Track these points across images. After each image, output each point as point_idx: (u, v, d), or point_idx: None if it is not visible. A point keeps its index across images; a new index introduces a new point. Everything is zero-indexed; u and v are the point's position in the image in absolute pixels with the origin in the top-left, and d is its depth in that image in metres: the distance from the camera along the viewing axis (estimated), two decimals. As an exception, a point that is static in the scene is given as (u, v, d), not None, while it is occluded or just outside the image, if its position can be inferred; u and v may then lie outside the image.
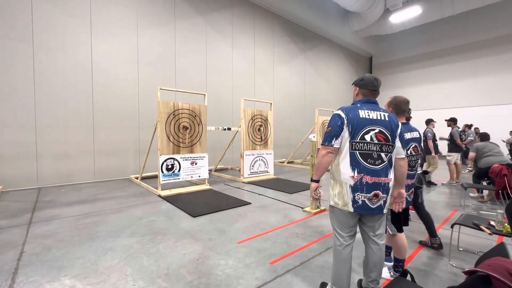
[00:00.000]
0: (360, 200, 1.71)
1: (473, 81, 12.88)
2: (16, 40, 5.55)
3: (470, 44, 12.87)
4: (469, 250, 2.86)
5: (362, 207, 1.72)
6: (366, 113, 1.76)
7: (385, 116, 1.79)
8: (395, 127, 1.79)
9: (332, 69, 14.26)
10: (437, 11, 11.57)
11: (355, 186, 1.71)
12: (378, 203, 1.73)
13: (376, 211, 1.74)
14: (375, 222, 1.83)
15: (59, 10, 6.02)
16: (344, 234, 1.83)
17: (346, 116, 1.75)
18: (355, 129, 1.72)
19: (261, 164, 7.18)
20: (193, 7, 8.29)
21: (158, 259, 2.58)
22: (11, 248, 2.80)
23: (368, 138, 1.72)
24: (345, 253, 1.83)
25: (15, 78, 5.57)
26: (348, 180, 1.72)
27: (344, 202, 1.75)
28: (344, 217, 1.81)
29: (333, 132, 1.75)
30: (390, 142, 1.75)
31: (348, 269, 1.85)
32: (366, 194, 1.70)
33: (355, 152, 1.72)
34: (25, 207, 4.35)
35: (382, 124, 1.75)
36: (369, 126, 1.73)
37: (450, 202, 4.95)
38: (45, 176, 5.95)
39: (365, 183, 1.70)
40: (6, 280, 2.20)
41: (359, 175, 1.70)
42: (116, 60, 6.89)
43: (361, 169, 1.70)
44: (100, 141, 6.70)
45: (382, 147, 1.73)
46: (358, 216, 1.81)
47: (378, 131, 1.73)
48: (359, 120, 1.73)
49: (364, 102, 1.86)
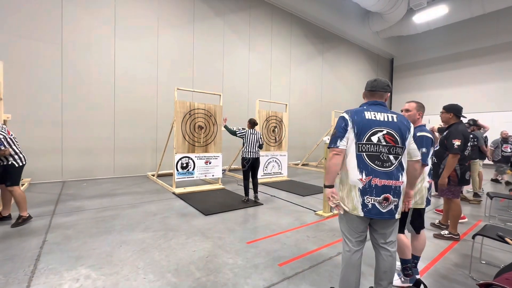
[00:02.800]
0: (370, 204, 1.66)
1: (503, 84, 12.08)
2: (47, 42, 5.93)
3: (501, 45, 12.09)
4: (492, 264, 2.68)
5: (372, 211, 1.66)
6: (372, 114, 1.72)
7: (393, 117, 1.74)
8: (405, 129, 1.73)
9: (351, 70, 13.94)
10: (465, 10, 10.98)
11: (364, 189, 1.66)
12: (389, 207, 1.67)
13: (387, 215, 1.67)
14: (387, 229, 1.77)
15: (86, 13, 6.36)
16: (353, 239, 1.78)
17: (351, 118, 1.72)
18: (361, 130, 1.69)
19: (275, 166, 7.16)
20: (212, 9, 8.45)
21: (169, 255, 2.65)
22: (35, 236, 2.99)
23: (375, 140, 1.67)
24: (354, 259, 1.77)
25: (44, 77, 5.95)
26: (356, 183, 1.68)
27: (354, 206, 1.70)
28: (353, 222, 1.75)
29: (337, 133, 1.74)
30: (399, 144, 1.69)
31: (357, 276, 1.79)
32: (375, 197, 1.65)
33: (362, 154, 1.68)
34: (50, 198, 4.62)
35: (390, 125, 1.70)
36: (376, 127, 1.69)
37: (474, 211, 4.67)
38: (69, 170, 6.30)
39: (374, 185, 1.64)
40: (29, 266, 2.35)
41: (367, 178, 1.65)
42: (137, 60, 7.17)
43: (369, 171, 1.65)
44: (120, 139, 6.98)
45: (390, 149, 1.68)
46: (368, 221, 1.76)
47: (386, 133, 1.68)
48: (364, 122, 1.70)
49: (371, 104, 1.82)
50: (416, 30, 12.85)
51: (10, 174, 3.30)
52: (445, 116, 3.28)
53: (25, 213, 3.41)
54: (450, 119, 3.25)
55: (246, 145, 4.73)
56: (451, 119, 3.24)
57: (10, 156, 3.29)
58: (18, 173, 3.39)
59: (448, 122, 3.28)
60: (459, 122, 3.23)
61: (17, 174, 3.37)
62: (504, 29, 11.95)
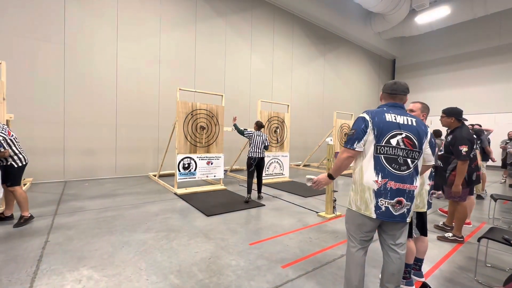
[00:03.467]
0: (383, 206, 1.64)
1: (506, 85, 12.02)
2: (49, 41, 5.94)
3: (504, 46, 12.04)
4: (498, 267, 2.65)
5: (385, 213, 1.64)
6: (393, 116, 1.70)
7: (412, 121, 1.72)
8: (423, 133, 1.72)
9: (353, 71, 13.92)
10: (468, 11, 10.94)
11: (379, 191, 1.64)
12: (401, 211, 1.65)
13: (399, 218, 1.66)
14: (397, 230, 1.75)
15: (89, 14, 6.37)
16: (358, 238, 1.77)
17: (372, 119, 1.69)
18: (381, 132, 1.66)
19: (276, 166, 7.14)
20: (213, 9, 8.45)
21: (171, 256, 2.63)
22: (37, 237, 2.98)
23: (394, 142, 1.65)
24: (358, 256, 1.76)
25: (47, 77, 5.96)
26: (371, 184, 1.66)
27: (366, 207, 1.68)
28: (362, 222, 1.73)
29: (355, 135, 1.69)
30: (417, 148, 1.68)
31: (360, 273, 1.77)
32: (389, 200, 1.63)
33: (380, 156, 1.66)
34: (52, 198, 4.62)
35: (410, 129, 1.68)
36: (395, 130, 1.66)
37: (477, 214, 4.63)
38: (71, 170, 6.30)
39: (389, 188, 1.63)
40: (31, 266, 2.34)
41: (383, 180, 1.63)
42: (139, 61, 7.17)
43: (386, 174, 1.64)
44: (122, 139, 6.98)
45: (408, 153, 1.66)
46: (378, 223, 1.73)
47: (405, 136, 1.66)
48: (385, 124, 1.67)
49: (391, 106, 1.79)
50: (418, 31, 12.81)
51: (10, 175, 3.29)
52: (446, 120, 3.21)
53: (27, 213, 3.40)
54: (452, 124, 3.19)
55: (252, 145, 4.94)
56: (452, 123, 3.19)
57: (9, 157, 3.28)
58: (18, 174, 3.38)
59: (450, 126, 3.22)
60: (462, 125, 3.18)
61: (17, 175, 3.36)
62: (507, 30, 11.90)
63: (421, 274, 2.30)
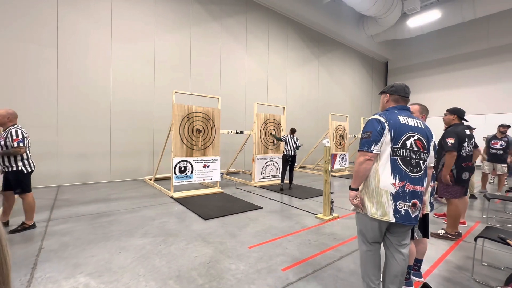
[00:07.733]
0: (402, 210, 1.63)
1: (495, 86, 12.34)
2: (42, 45, 5.84)
3: (492, 49, 12.38)
4: (493, 265, 2.70)
5: (404, 217, 1.63)
6: (405, 119, 1.71)
7: (421, 124, 1.76)
8: (430, 135, 1.78)
9: (347, 74, 14.08)
10: (457, 15, 11.23)
11: (397, 194, 1.63)
12: (416, 213, 1.67)
13: (414, 221, 1.68)
14: (403, 231, 1.78)
15: (82, 17, 6.30)
16: (372, 241, 1.80)
17: (387, 121, 1.68)
18: (397, 134, 1.66)
19: (273, 169, 7.14)
20: (208, 13, 8.46)
21: (170, 261, 2.60)
22: (31, 244, 2.90)
23: (408, 145, 1.67)
24: (375, 256, 1.82)
25: (40, 81, 5.85)
26: (389, 187, 1.63)
27: (384, 212, 1.65)
28: (377, 226, 1.73)
29: (372, 137, 1.67)
30: (426, 150, 1.72)
31: (378, 263, 1.83)
32: (407, 203, 1.63)
33: (396, 158, 1.65)
34: (45, 204, 4.51)
35: (420, 131, 1.72)
36: (409, 132, 1.68)
37: (471, 213, 4.71)
38: (64, 175, 6.17)
39: (407, 191, 1.63)
40: (25, 275, 2.28)
41: (401, 183, 1.63)
42: (134, 64, 7.11)
43: (403, 176, 1.63)
44: (116, 143, 6.89)
45: (420, 154, 1.68)
46: (388, 224, 1.75)
47: (417, 138, 1.69)
48: (400, 126, 1.67)
49: (400, 108, 1.80)
50: (410, 34, 13.07)
51: (21, 181, 3.23)
52: (448, 117, 3.36)
53: (31, 222, 3.34)
54: (452, 121, 3.33)
55: (286, 145, 6.15)
56: (453, 120, 3.32)
57: (20, 160, 3.21)
58: (28, 180, 3.33)
59: (450, 123, 3.36)
60: (459, 124, 3.30)
61: (27, 181, 3.31)
62: (495, 33, 12.24)
63: (420, 274, 2.32)
